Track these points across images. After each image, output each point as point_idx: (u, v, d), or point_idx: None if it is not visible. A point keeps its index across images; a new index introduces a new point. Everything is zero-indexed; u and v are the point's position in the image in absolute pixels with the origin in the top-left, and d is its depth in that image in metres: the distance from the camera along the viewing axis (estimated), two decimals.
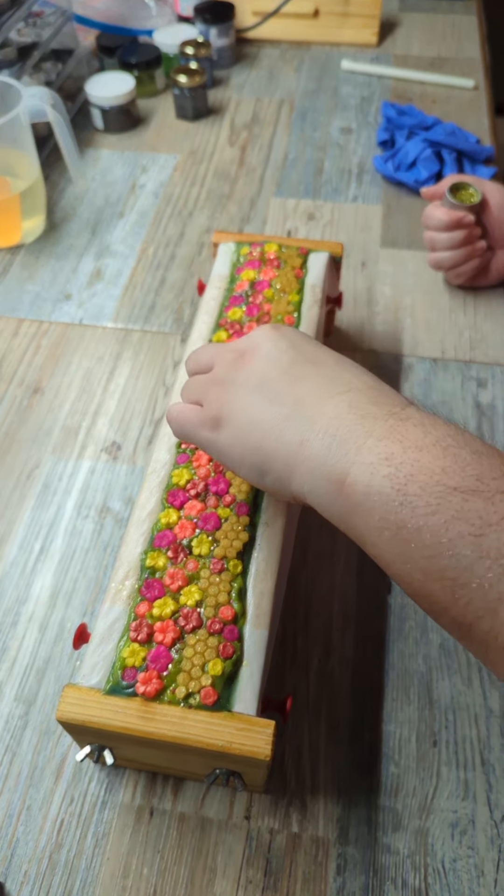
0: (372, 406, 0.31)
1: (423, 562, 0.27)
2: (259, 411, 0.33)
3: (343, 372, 0.34)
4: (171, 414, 0.38)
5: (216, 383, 0.36)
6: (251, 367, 0.35)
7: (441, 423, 0.30)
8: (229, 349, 0.36)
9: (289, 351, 0.35)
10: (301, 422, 0.32)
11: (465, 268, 0.62)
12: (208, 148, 0.81)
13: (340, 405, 0.31)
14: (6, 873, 0.39)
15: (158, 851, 0.39)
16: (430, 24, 0.97)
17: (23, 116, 0.65)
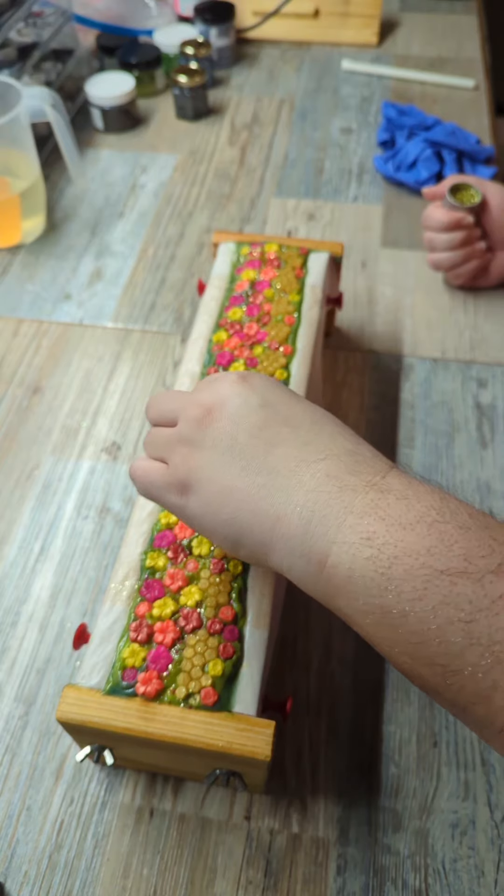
0: (351, 476, 0.29)
1: (411, 647, 0.26)
2: (230, 479, 0.31)
3: (319, 434, 0.31)
4: (136, 472, 0.35)
5: (182, 442, 0.33)
6: (219, 427, 0.32)
7: (425, 492, 0.28)
8: (194, 402, 0.33)
9: (259, 410, 0.32)
10: (276, 494, 0.30)
11: (465, 269, 0.62)
12: (208, 148, 0.81)
13: (318, 475, 0.29)
14: (6, 874, 0.39)
15: (158, 852, 0.39)
16: (431, 24, 0.97)
17: (23, 116, 0.65)
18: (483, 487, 0.53)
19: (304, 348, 0.47)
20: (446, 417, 0.57)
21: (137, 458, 0.36)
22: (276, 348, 0.47)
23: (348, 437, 0.31)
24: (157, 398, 0.36)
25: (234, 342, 0.47)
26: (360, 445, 0.31)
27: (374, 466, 0.30)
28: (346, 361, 0.61)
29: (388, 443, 0.56)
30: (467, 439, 0.56)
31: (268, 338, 0.47)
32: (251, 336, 0.47)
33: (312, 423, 0.32)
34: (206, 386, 0.34)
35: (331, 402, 0.58)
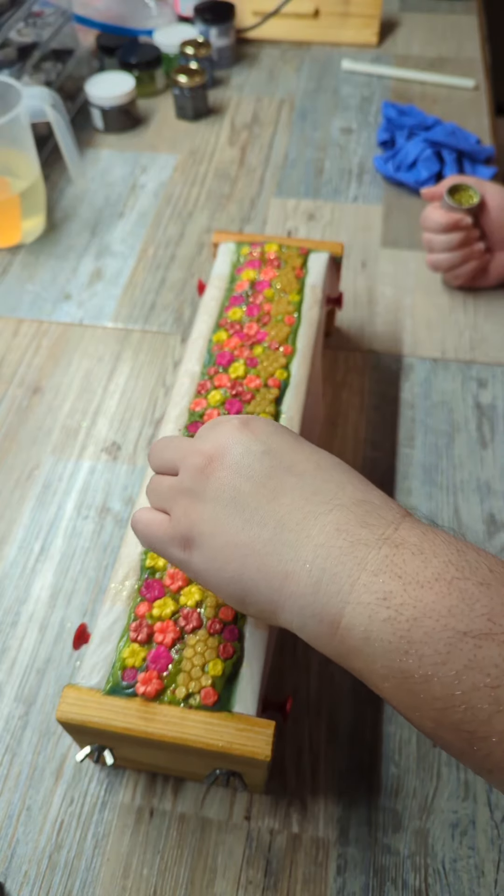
0: (362, 529, 0.27)
1: (435, 713, 0.25)
2: (235, 533, 0.29)
3: (327, 481, 0.30)
4: (137, 525, 0.34)
5: (184, 493, 0.31)
6: (221, 478, 0.30)
7: (441, 544, 0.26)
8: (195, 451, 0.32)
9: (263, 458, 0.30)
10: (284, 549, 0.28)
11: (463, 270, 0.62)
12: (208, 148, 0.81)
13: (327, 528, 0.28)
14: (6, 874, 0.39)
15: (158, 852, 0.39)
16: (431, 24, 0.97)
17: (23, 116, 0.65)
18: (483, 487, 0.53)
19: (304, 348, 0.47)
20: (446, 417, 0.57)
21: (139, 509, 0.34)
22: (276, 348, 0.47)
23: (357, 484, 0.30)
24: (158, 445, 0.35)
25: (234, 342, 0.47)
26: (370, 492, 0.30)
27: (385, 517, 0.28)
28: (347, 361, 0.61)
29: (388, 443, 0.56)
30: (467, 439, 0.56)
31: (268, 338, 0.47)
32: (251, 336, 0.47)
33: (318, 469, 0.30)
34: (207, 432, 0.33)
35: (331, 402, 0.58)
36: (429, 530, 0.27)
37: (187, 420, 0.44)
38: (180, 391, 0.45)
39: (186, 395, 0.45)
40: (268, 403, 0.44)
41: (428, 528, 0.28)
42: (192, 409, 0.44)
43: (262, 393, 0.44)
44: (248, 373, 0.45)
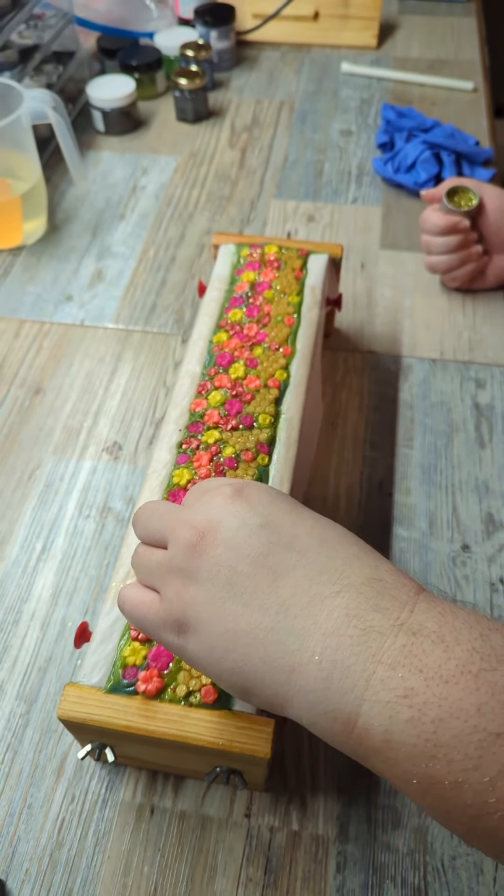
0: (374, 613, 0.25)
1: (468, 819, 0.23)
2: (233, 620, 0.27)
3: (332, 557, 0.27)
4: (125, 604, 0.31)
5: (174, 572, 0.28)
6: (215, 556, 0.27)
7: (462, 627, 0.24)
8: (185, 523, 0.29)
9: (260, 532, 0.27)
10: (289, 638, 0.26)
11: (460, 272, 0.63)
12: (209, 150, 0.82)
13: (335, 613, 0.25)
14: (7, 871, 0.39)
15: (159, 849, 0.40)
16: (430, 27, 0.97)
17: (24, 119, 0.65)
18: (482, 487, 0.53)
19: (303, 349, 0.47)
20: (445, 417, 0.57)
21: (127, 584, 0.32)
22: (276, 349, 0.47)
23: (365, 559, 0.27)
24: (143, 512, 0.32)
25: (235, 343, 0.47)
26: (380, 567, 0.27)
27: (399, 597, 0.26)
28: (346, 362, 0.62)
29: (387, 443, 0.56)
30: (466, 439, 0.56)
31: (268, 339, 0.47)
32: (251, 337, 0.48)
33: (322, 544, 0.28)
34: (198, 499, 0.30)
35: (330, 402, 0.59)
36: (447, 611, 0.25)
37: (188, 420, 0.44)
38: (181, 392, 0.46)
39: (187, 396, 0.45)
40: (268, 404, 0.44)
41: (446, 608, 0.25)
42: (193, 410, 0.44)
43: (262, 393, 0.45)
44: (249, 373, 0.46)
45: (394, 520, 0.52)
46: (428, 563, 0.49)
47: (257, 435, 0.43)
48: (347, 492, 0.53)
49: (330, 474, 0.54)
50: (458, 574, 0.49)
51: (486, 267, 0.64)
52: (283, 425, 0.44)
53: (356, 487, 0.53)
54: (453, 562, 0.49)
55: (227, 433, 0.43)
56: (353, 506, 0.52)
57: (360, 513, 0.52)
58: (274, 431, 0.43)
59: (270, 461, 0.42)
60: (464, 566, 0.49)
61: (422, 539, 0.51)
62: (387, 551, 0.50)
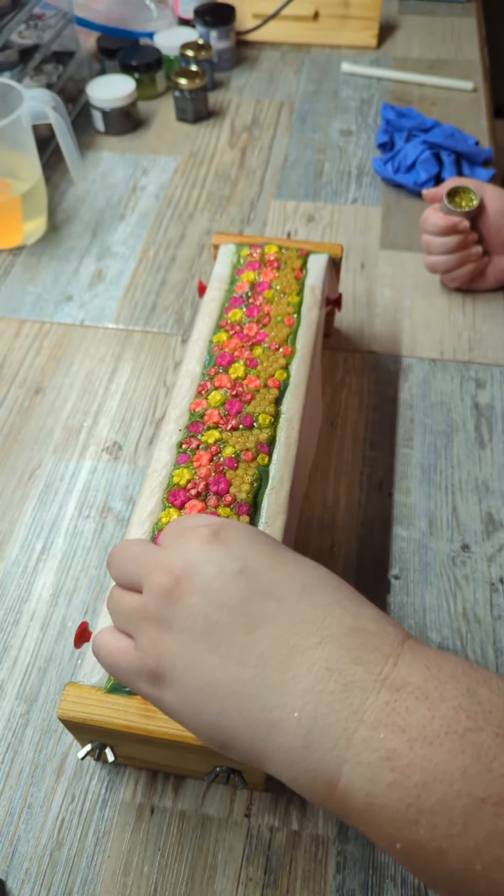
0: (356, 667, 0.24)
1: (453, 885, 0.22)
2: (210, 673, 0.26)
3: (313, 605, 0.26)
4: (100, 651, 0.30)
5: (149, 619, 0.27)
6: (191, 604, 0.26)
7: (448, 681, 0.23)
8: (160, 567, 0.28)
9: (238, 579, 0.26)
10: (267, 692, 0.25)
11: (460, 272, 0.63)
12: (209, 150, 0.82)
13: (316, 666, 0.24)
14: (7, 871, 0.39)
15: (159, 849, 0.40)
16: (430, 27, 0.97)
17: (24, 118, 0.65)
18: (481, 487, 0.53)
19: (303, 349, 0.47)
20: (445, 417, 0.57)
21: (101, 629, 0.31)
22: (276, 349, 0.47)
23: (347, 605, 0.26)
24: (118, 554, 0.31)
25: (235, 343, 0.47)
26: (362, 613, 0.26)
27: (382, 648, 0.25)
28: (346, 362, 0.62)
29: (387, 443, 0.56)
30: (465, 439, 0.56)
31: (268, 339, 0.47)
32: (251, 337, 0.48)
33: (303, 589, 0.27)
34: (174, 540, 0.29)
35: (330, 402, 0.59)
36: (432, 662, 0.24)
37: (188, 420, 0.44)
38: (181, 391, 0.46)
39: (187, 396, 0.45)
40: (268, 404, 0.44)
41: (431, 659, 0.24)
42: (193, 410, 0.44)
43: (262, 393, 0.45)
44: (248, 373, 0.46)
45: (393, 519, 0.52)
46: (428, 563, 0.49)
47: (257, 435, 0.43)
48: (347, 491, 0.53)
49: (330, 474, 0.54)
50: (458, 574, 0.49)
51: (486, 268, 0.64)
52: (283, 425, 0.44)
53: (356, 487, 0.54)
54: (453, 561, 0.49)
55: (227, 433, 0.43)
56: (352, 505, 0.52)
57: (359, 512, 0.52)
58: (274, 431, 0.43)
59: (270, 461, 0.42)
60: (463, 566, 0.49)
61: (421, 539, 0.51)
62: (387, 551, 0.50)
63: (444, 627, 0.47)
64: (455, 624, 0.47)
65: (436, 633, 0.46)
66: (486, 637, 0.46)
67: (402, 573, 0.49)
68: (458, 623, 0.47)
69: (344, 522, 0.52)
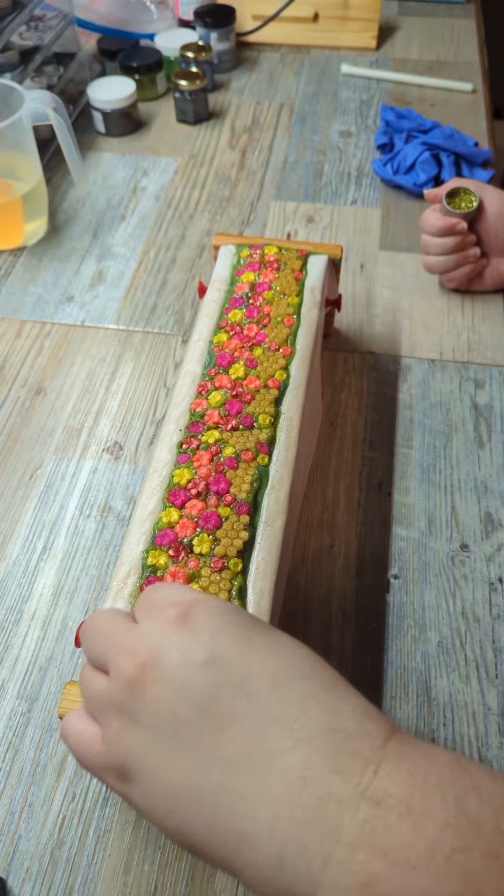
0: (334, 776, 0.22)
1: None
2: (175, 776, 0.24)
3: (285, 701, 0.24)
4: (68, 739, 0.28)
5: (115, 708, 0.26)
6: (156, 697, 0.25)
7: (435, 791, 0.21)
8: (125, 652, 0.26)
9: (204, 670, 0.24)
10: (236, 803, 0.23)
11: (457, 273, 0.62)
12: (209, 151, 0.82)
13: (289, 774, 0.22)
14: (8, 870, 0.39)
15: (159, 848, 0.40)
16: (429, 28, 0.98)
17: (25, 120, 0.65)
18: (480, 487, 0.53)
19: (303, 350, 0.47)
20: (444, 418, 0.58)
21: (70, 713, 0.29)
22: (276, 350, 0.47)
23: (324, 699, 0.24)
24: (87, 629, 0.29)
25: (235, 343, 0.47)
26: (341, 710, 0.24)
27: (362, 752, 0.23)
28: (345, 362, 0.62)
29: (386, 443, 0.56)
30: (465, 439, 0.56)
31: (267, 339, 0.47)
32: (251, 338, 0.48)
33: (275, 683, 0.24)
34: (144, 616, 0.27)
35: (330, 402, 0.59)
36: (417, 769, 0.22)
37: (188, 420, 0.44)
38: (181, 392, 0.46)
39: (187, 396, 0.45)
40: (267, 404, 0.44)
41: (417, 764, 0.22)
42: (193, 410, 0.44)
43: (262, 394, 0.45)
44: (249, 374, 0.46)
45: (393, 519, 0.52)
46: (427, 563, 0.50)
47: (257, 435, 0.43)
48: (347, 491, 0.53)
49: (329, 474, 0.54)
50: (457, 573, 0.49)
51: (484, 269, 0.64)
52: (283, 425, 0.44)
53: (355, 487, 0.54)
54: (452, 561, 0.50)
55: (228, 433, 0.43)
56: (352, 505, 0.53)
57: (359, 512, 0.52)
58: (274, 431, 0.44)
59: (270, 461, 0.42)
60: (462, 565, 0.49)
61: (421, 538, 0.51)
62: (386, 551, 0.50)
63: (443, 627, 0.47)
64: (454, 623, 0.47)
65: (435, 632, 0.47)
66: (485, 636, 0.46)
67: (401, 573, 0.49)
68: (457, 622, 0.47)
69: (343, 522, 0.52)
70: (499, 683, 0.45)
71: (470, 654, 0.46)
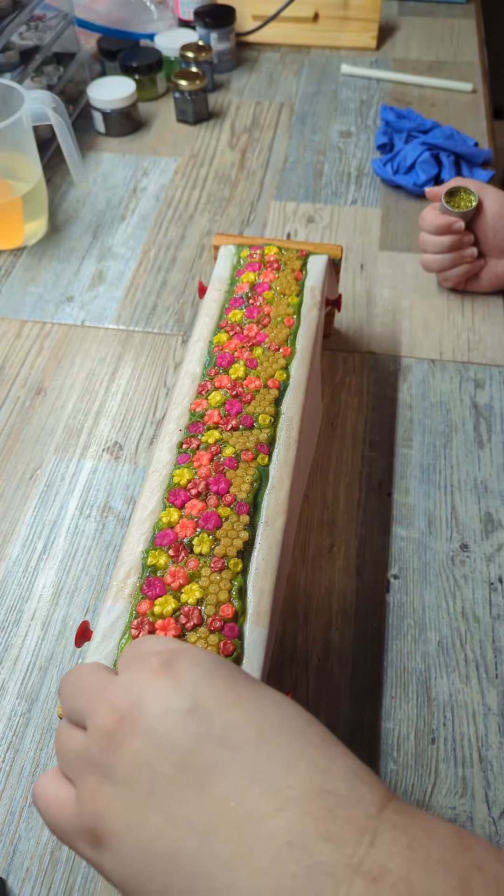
0: (325, 844, 0.20)
1: None
2: (152, 838, 0.22)
3: (272, 756, 0.22)
4: (38, 801, 0.26)
5: (90, 766, 0.24)
6: (133, 751, 0.23)
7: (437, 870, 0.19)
8: (105, 704, 0.24)
9: (187, 721, 0.23)
10: (216, 870, 0.21)
11: (453, 273, 0.62)
12: (209, 151, 0.82)
13: (275, 839, 0.20)
14: (8, 870, 0.39)
15: None
16: (429, 28, 0.98)
17: (25, 120, 0.65)
18: (480, 487, 0.53)
19: (303, 350, 0.47)
20: (444, 418, 0.58)
21: (42, 775, 0.27)
22: (276, 350, 0.47)
23: (315, 757, 0.22)
24: (66, 683, 0.28)
25: (235, 343, 0.47)
26: (332, 769, 0.22)
27: (356, 818, 0.21)
28: (345, 362, 0.62)
29: (386, 443, 0.56)
30: (464, 439, 0.56)
31: (267, 339, 0.48)
32: (251, 338, 0.48)
33: (261, 737, 0.23)
34: (126, 668, 0.26)
35: (330, 402, 0.59)
36: (417, 843, 0.20)
37: (188, 420, 0.44)
38: (181, 392, 0.46)
39: (187, 396, 0.45)
40: (267, 404, 0.44)
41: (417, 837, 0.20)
42: (193, 410, 0.45)
43: (262, 394, 0.45)
44: (249, 374, 0.46)
45: (393, 519, 0.52)
46: (427, 563, 0.50)
47: (257, 435, 0.43)
48: (347, 491, 0.53)
49: (329, 474, 0.54)
50: (457, 573, 0.49)
51: (481, 270, 0.64)
52: (283, 425, 0.44)
53: (355, 487, 0.54)
54: (452, 561, 0.50)
55: (228, 433, 0.43)
56: (352, 505, 0.53)
57: (359, 512, 0.52)
58: (274, 431, 0.44)
59: (270, 461, 0.42)
60: (462, 565, 0.49)
61: (421, 538, 0.51)
62: (386, 551, 0.50)
63: (443, 627, 0.47)
64: (454, 623, 0.47)
65: (435, 632, 0.47)
66: (484, 636, 0.46)
67: (401, 573, 0.49)
68: (457, 622, 0.47)
69: (343, 522, 0.52)
70: (499, 683, 0.45)
71: (470, 654, 0.46)
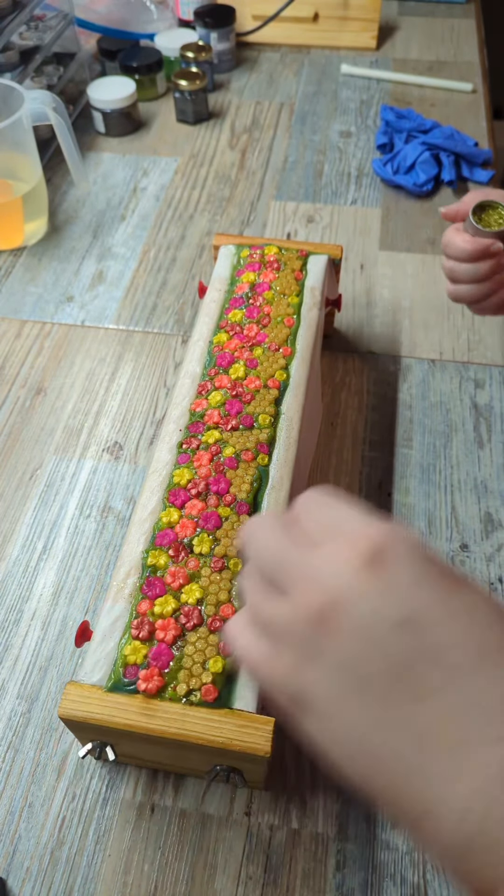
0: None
1: None
2: (360, 731, 0.22)
3: (494, 681, 0.21)
4: (235, 645, 0.26)
5: (295, 638, 0.23)
6: (341, 646, 0.22)
7: None
8: (306, 585, 0.23)
9: (401, 634, 0.22)
10: (424, 781, 0.21)
11: (490, 302, 0.50)
12: (209, 151, 0.82)
13: (491, 771, 0.20)
14: (8, 870, 0.39)
15: (159, 848, 0.40)
16: (429, 28, 0.98)
17: (25, 120, 0.65)
18: (480, 487, 0.53)
19: (303, 350, 0.47)
20: (444, 418, 0.58)
21: (234, 618, 0.27)
22: (276, 350, 0.47)
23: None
24: (254, 538, 0.26)
25: (235, 343, 0.47)
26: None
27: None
28: (345, 363, 0.62)
29: (386, 443, 0.56)
30: (464, 439, 0.56)
31: (267, 339, 0.47)
32: (251, 338, 0.48)
33: (481, 659, 0.21)
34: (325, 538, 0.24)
35: (330, 402, 0.59)
36: None
37: (188, 420, 0.44)
38: (181, 392, 0.46)
39: (187, 396, 0.45)
40: (267, 404, 0.44)
41: None
42: (193, 410, 0.44)
43: (262, 394, 0.45)
44: (249, 374, 0.46)
45: (393, 519, 0.52)
46: None
47: (257, 435, 0.43)
48: (347, 491, 0.53)
49: (329, 474, 0.54)
50: None
51: None
52: (283, 425, 0.44)
53: (355, 487, 0.54)
54: (452, 561, 0.50)
55: (228, 433, 0.43)
56: None
57: None
58: (274, 431, 0.44)
59: (270, 461, 0.42)
60: (462, 565, 0.49)
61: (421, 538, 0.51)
62: None
63: None
64: None
65: None
66: None
67: None
68: None
69: None
70: None
71: None
